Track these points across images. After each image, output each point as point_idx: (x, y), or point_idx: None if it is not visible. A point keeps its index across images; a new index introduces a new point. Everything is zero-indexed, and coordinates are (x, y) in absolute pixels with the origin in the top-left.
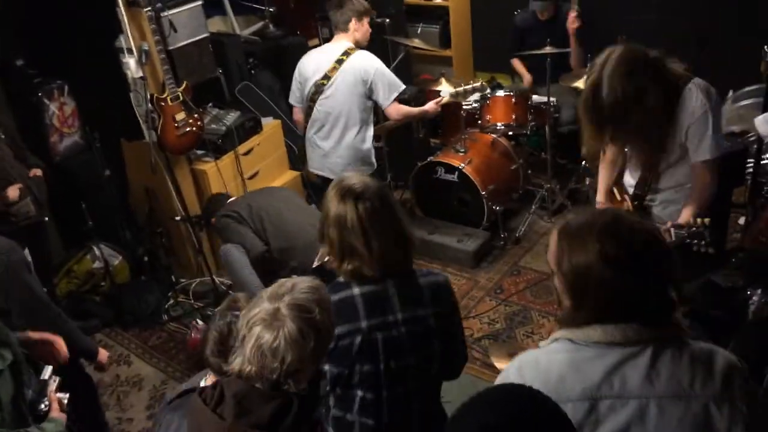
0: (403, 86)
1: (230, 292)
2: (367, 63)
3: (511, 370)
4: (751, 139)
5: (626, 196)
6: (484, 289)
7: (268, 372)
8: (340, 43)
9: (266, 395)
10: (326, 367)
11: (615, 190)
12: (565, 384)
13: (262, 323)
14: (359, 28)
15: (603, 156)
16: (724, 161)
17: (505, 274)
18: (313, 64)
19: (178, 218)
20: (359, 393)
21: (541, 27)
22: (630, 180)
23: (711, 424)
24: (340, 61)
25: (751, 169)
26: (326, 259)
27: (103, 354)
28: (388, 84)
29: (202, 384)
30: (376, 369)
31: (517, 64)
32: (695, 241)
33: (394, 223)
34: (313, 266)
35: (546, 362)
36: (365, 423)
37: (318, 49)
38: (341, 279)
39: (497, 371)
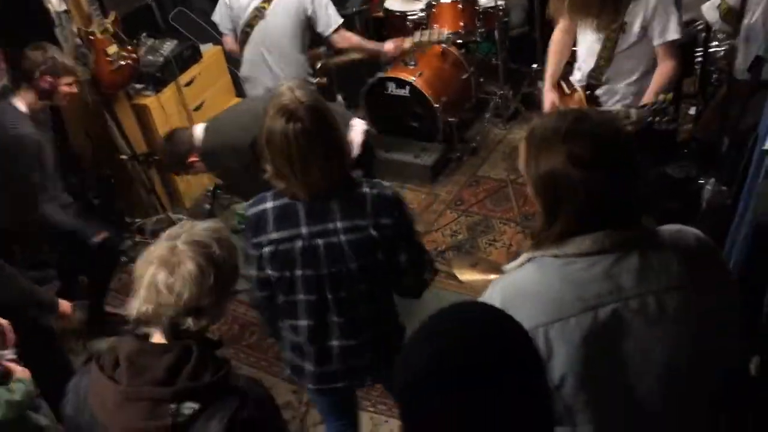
0: (342, 19)
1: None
2: None
3: (494, 304)
4: (699, 27)
5: (578, 87)
6: (445, 202)
7: (165, 309)
8: None
9: (160, 349)
10: (267, 271)
11: (563, 84)
12: (564, 301)
13: (158, 260)
14: None
15: (554, 33)
16: None
17: (464, 185)
18: None
19: (124, 157)
20: (302, 297)
21: None
22: (578, 75)
23: (703, 306)
24: None
25: (700, 59)
26: (266, 175)
27: (64, 305)
28: (327, 9)
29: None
30: (318, 273)
31: None
32: (657, 118)
33: (328, 144)
34: None
35: (534, 284)
36: (311, 325)
37: None
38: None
39: (461, 283)
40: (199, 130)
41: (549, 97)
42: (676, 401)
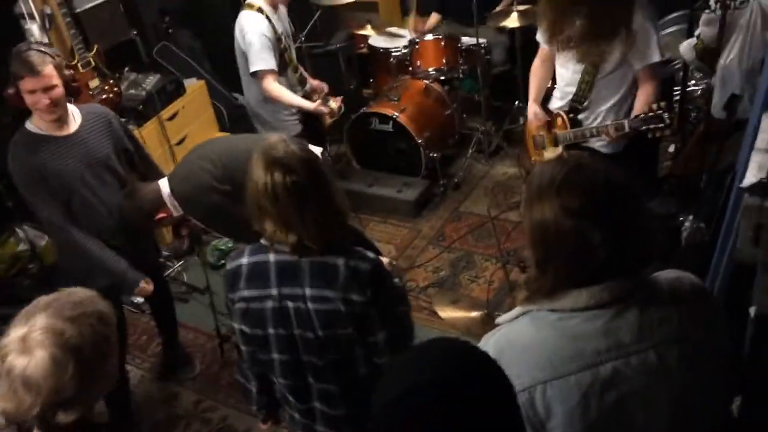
0: (271, 66)
1: (167, 263)
2: (245, 27)
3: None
4: (677, 66)
5: (561, 112)
6: (427, 238)
7: (27, 407)
8: None
9: None
10: (242, 327)
11: (543, 111)
12: (562, 358)
13: (13, 352)
14: None
15: (534, 62)
16: None
17: (446, 220)
18: None
19: None
20: (276, 356)
21: None
22: (559, 102)
23: (701, 355)
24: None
25: (678, 97)
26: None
27: None
28: (253, 53)
29: None
30: (290, 333)
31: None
32: (652, 126)
33: (321, 199)
34: None
35: (529, 339)
36: (290, 384)
37: None
38: (263, 241)
39: (441, 319)
40: (164, 184)
41: (533, 108)
42: None
